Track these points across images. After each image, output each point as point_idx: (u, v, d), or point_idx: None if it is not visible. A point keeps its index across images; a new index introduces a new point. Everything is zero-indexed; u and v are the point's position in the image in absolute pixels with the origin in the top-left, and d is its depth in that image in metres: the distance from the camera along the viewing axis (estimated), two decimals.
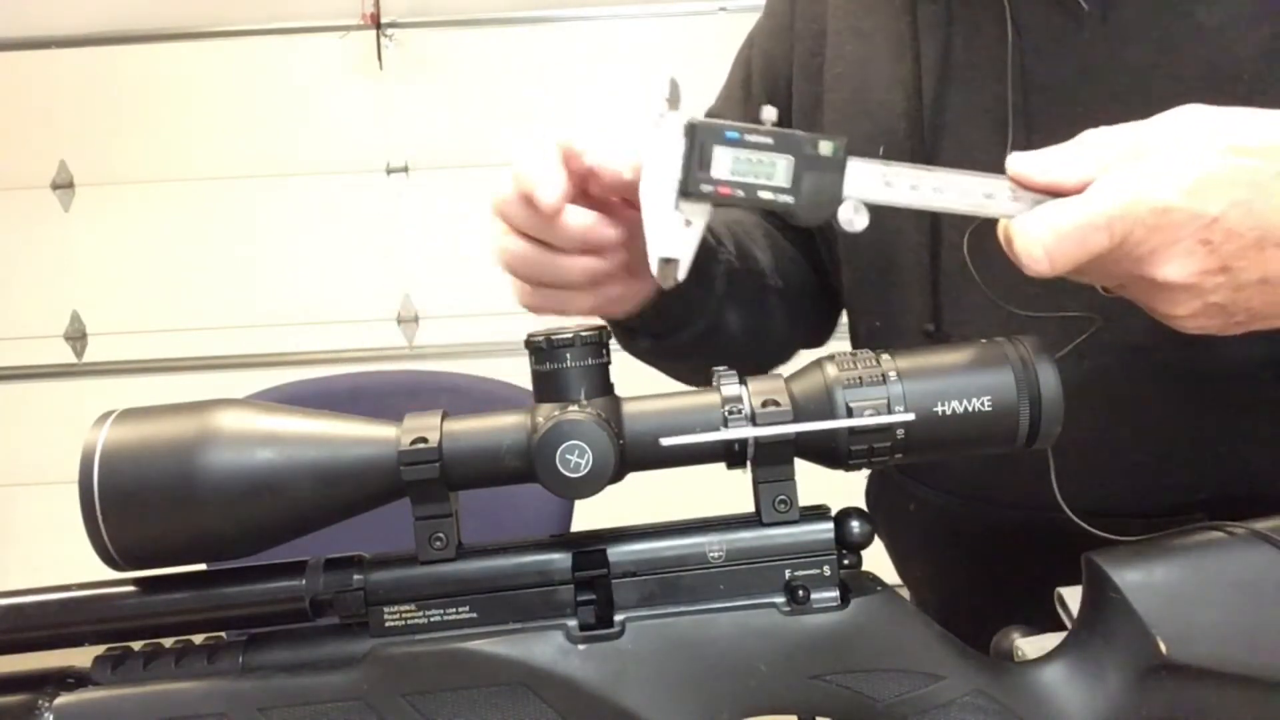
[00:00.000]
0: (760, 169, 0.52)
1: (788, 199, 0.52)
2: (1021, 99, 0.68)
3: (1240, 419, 0.68)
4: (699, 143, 0.52)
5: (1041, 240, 0.50)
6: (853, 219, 0.52)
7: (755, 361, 0.60)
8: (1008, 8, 0.68)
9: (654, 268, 0.53)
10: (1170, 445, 0.69)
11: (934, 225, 0.73)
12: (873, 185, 0.52)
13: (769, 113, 0.53)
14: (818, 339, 0.89)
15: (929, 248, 0.73)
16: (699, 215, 0.53)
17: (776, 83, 0.84)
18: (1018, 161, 0.52)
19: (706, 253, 0.68)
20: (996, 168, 0.52)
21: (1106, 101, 0.66)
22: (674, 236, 0.53)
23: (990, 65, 0.69)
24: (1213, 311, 0.52)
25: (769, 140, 0.52)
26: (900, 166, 0.52)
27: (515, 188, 0.57)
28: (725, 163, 0.52)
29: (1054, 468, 0.57)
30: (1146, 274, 0.51)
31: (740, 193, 0.52)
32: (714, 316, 0.73)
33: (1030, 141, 0.67)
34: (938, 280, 0.73)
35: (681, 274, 0.53)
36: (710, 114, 0.87)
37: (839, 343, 0.71)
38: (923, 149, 0.72)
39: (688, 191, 0.52)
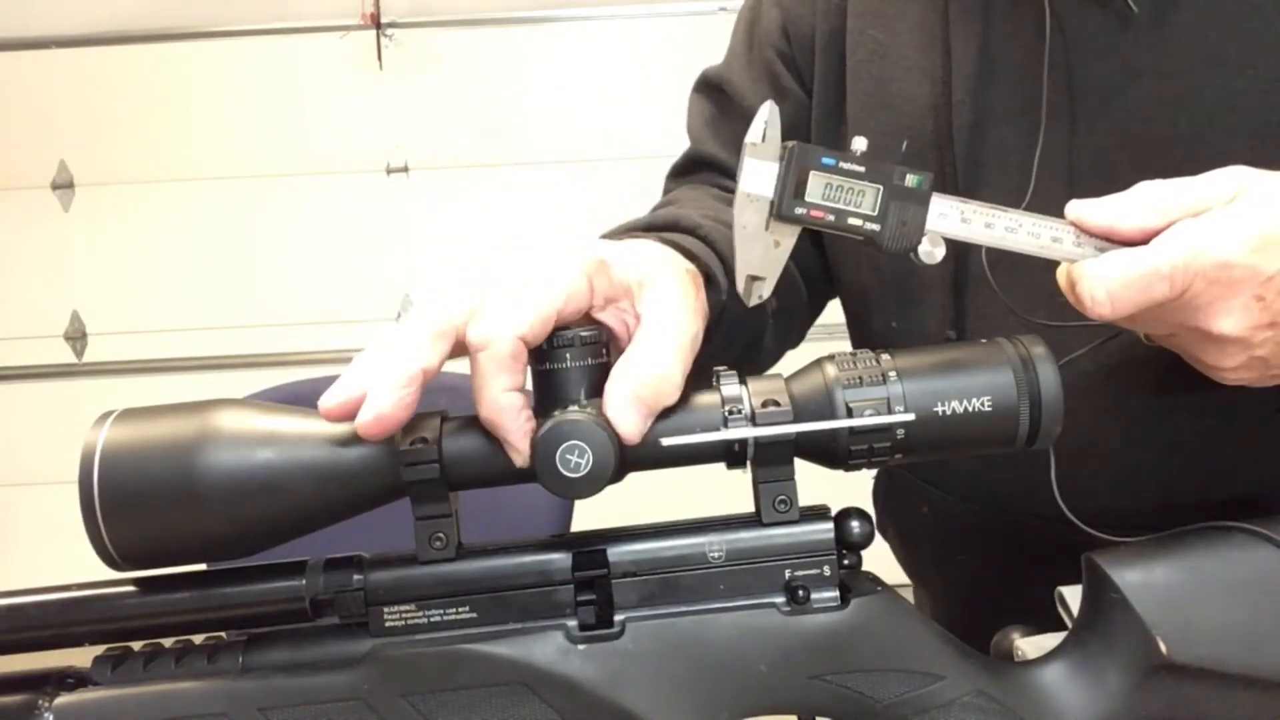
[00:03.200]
0: (850, 196, 0.53)
1: (874, 227, 0.54)
2: (1066, 99, 0.68)
3: (1244, 422, 0.68)
4: (795, 166, 0.53)
5: (1107, 285, 0.51)
6: (932, 251, 0.54)
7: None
8: (1048, 6, 0.67)
9: (740, 285, 0.55)
10: (1174, 449, 0.69)
11: None
12: (951, 220, 0.54)
13: (860, 142, 0.54)
14: (791, 347, 0.88)
15: (954, 253, 0.72)
16: (788, 236, 0.55)
17: (797, 46, 0.82)
18: (1077, 207, 0.54)
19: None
20: (1029, 167, 0.53)
21: (1152, 107, 0.65)
22: (763, 256, 0.55)
23: (1029, 63, 0.68)
24: (1255, 365, 0.54)
25: (861, 169, 0.53)
26: (976, 205, 0.54)
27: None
28: (818, 188, 0.53)
29: (1054, 469, 0.57)
30: (1202, 326, 0.52)
31: (831, 217, 0.54)
32: (755, 334, 0.73)
33: (1072, 143, 0.67)
34: (962, 286, 0.72)
35: (767, 292, 0.56)
36: (715, 74, 0.86)
37: (839, 343, 0.71)
38: (951, 147, 0.71)
39: (781, 214, 0.54)
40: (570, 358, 0.51)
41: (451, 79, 2.74)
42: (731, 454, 0.51)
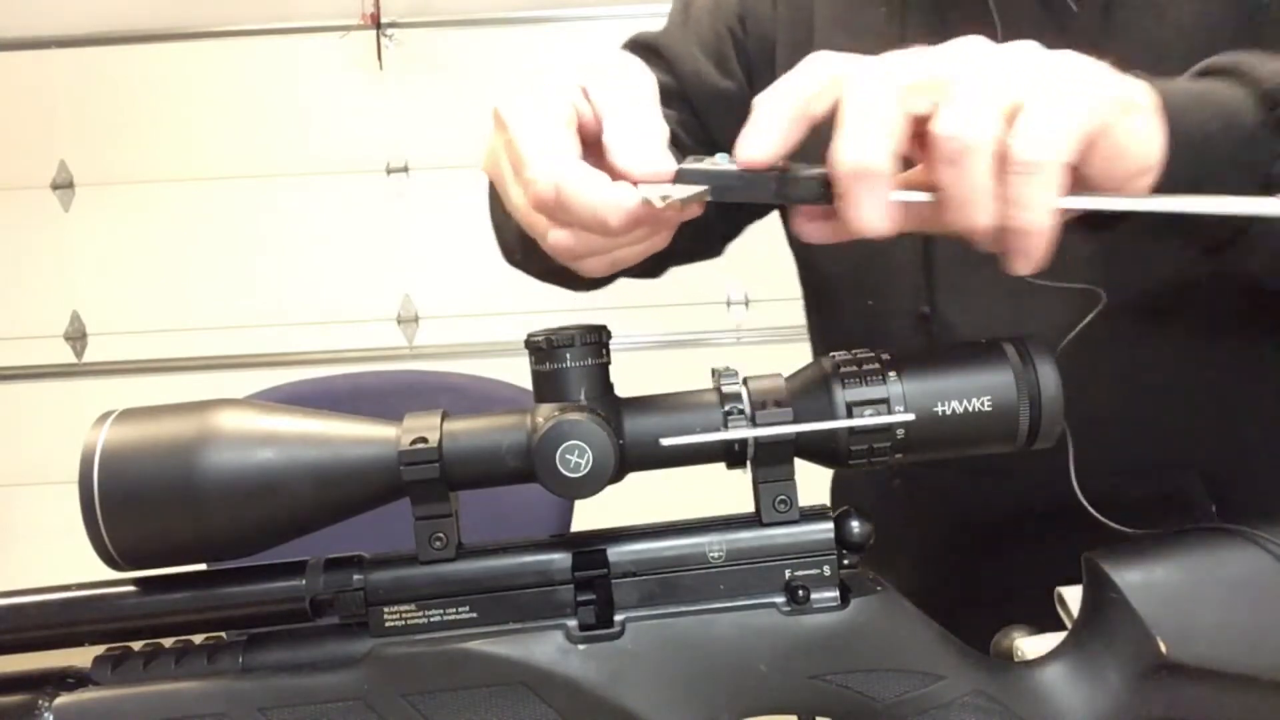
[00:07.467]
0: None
1: None
2: None
3: (1242, 380, 0.69)
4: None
5: (755, 122, 0.48)
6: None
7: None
8: (994, 11, 0.69)
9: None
10: (1173, 411, 0.69)
11: None
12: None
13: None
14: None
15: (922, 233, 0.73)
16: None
17: (753, 40, 0.83)
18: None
19: None
20: None
21: None
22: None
23: None
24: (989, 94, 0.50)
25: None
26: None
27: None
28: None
29: (1070, 457, 0.56)
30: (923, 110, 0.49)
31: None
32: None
33: None
34: (931, 262, 0.73)
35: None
36: (650, 38, 0.88)
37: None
38: None
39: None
40: (570, 358, 0.51)
41: (451, 79, 2.74)
42: (731, 454, 0.51)
